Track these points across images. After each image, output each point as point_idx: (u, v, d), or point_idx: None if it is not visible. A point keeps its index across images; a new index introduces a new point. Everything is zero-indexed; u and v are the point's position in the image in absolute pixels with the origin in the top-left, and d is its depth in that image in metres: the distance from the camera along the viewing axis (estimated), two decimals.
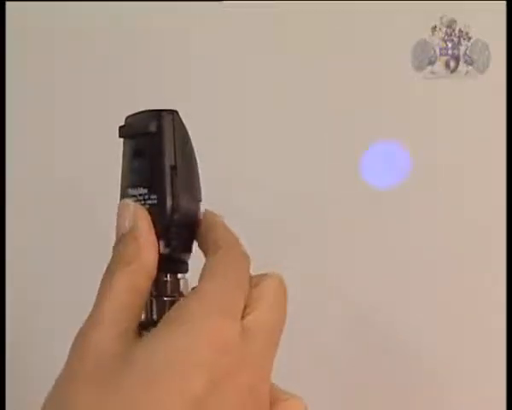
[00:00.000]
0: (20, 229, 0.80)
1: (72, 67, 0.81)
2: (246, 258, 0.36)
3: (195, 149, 0.38)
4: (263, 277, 0.36)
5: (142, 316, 0.35)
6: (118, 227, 0.35)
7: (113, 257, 0.35)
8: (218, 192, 0.77)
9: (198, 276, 0.35)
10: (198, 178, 0.37)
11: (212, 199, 0.39)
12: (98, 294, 0.34)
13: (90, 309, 0.34)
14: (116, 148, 0.38)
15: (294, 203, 0.80)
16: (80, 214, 0.81)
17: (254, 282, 0.35)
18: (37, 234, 0.81)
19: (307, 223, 0.80)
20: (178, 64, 0.81)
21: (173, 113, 0.36)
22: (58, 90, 0.82)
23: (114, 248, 0.35)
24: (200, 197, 0.37)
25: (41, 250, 0.81)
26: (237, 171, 0.80)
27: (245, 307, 0.34)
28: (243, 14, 0.81)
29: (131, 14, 0.80)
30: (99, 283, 0.34)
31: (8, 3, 0.76)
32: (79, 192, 0.80)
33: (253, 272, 0.36)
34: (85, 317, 0.33)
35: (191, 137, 0.38)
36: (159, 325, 0.32)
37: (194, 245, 0.38)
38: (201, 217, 0.37)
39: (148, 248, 0.34)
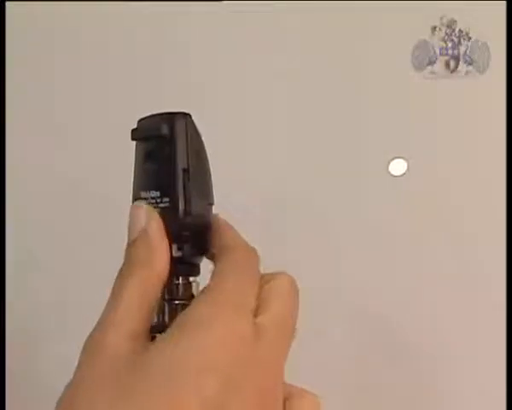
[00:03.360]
0: (20, 229, 0.80)
1: (72, 68, 0.81)
2: (255, 257, 0.36)
3: None
4: (274, 276, 0.35)
5: (154, 319, 0.35)
6: (130, 230, 0.35)
7: (125, 261, 0.34)
8: (218, 192, 0.77)
9: (208, 279, 0.35)
10: (210, 182, 0.37)
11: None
12: (110, 297, 0.33)
13: (98, 310, 0.33)
14: (119, 148, 0.38)
15: (294, 203, 0.80)
16: (85, 216, 0.80)
17: (265, 281, 0.35)
18: (40, 235, 0.81)
19: (307, 223, 0.80)
20: (178, 64, 0.81)
21: (186, 116, 0.36)
22: (58, 89, 0.81)
23: (126, 251, 0.35)
24: (213, 201, 0.37)
25: (46, 253, 0.81)
26: (237, 171, 0.80)
27: (256, 307, 0.33)
28: (243, 14, 0.80)
29: (131, 14, 0.80)
30: (105, 282, 0.34)
31: (8, 3, 0.76)
32: (83, 193, 0.80)
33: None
34: (93, 318, 0.33)
35: None
36: (171, 327, 0.32)
37: None
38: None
39: (160, 252, 0.34)
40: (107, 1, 0.80)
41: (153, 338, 0.34)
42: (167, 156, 0.35)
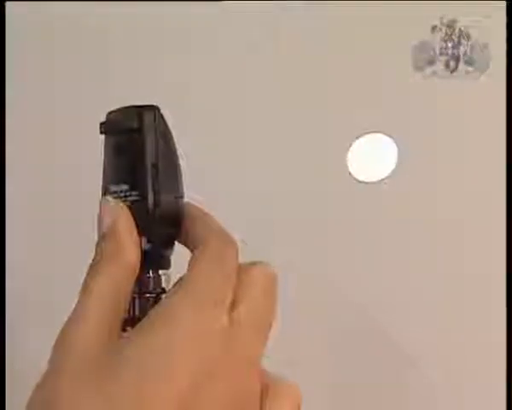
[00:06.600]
0: (19, 228, 0.80)
1: (72, 68, 0.81)
2: (232, 246, 0.35)
3: (194, 150, 0.38)
4: (251, 266, 0.34)
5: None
6: (99, 225, 0.35)
7: (95, 255, 0.34)
8: (218, 192, 0.77)
9: (181, 272, 0.35)
10: (180, 174, 0.37)
11: (212, 199, 0.39)
12: (81, 292, 0.33)
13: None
14: None
15: (294, 203, 0.80)
16: (84, 215, 0.81)
17: (243, 271, 0.34)
18: (35, 232, 0.82)
19: (306, 223, 0.80)
20: (178, 64, 0.81)
21: (155, 109, 0.36)
22: (58, 89, 0.82)
23: (96, 245, 0.35)
24: (183, 193, 0.37)
25: (38, 248, 0.81)
26: (237, 171, 0.80)
27: (233, 298, 0.33)
28: (243, 14, 0.81)
29: (131, 14, 0.81)
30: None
31: (7, 3, 0.76)
32: (82, 193, 0.80)
33: None
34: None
35: (190, 137, 0.38)
36: (143, 321, 0.31)
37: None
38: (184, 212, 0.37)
39: (130, 246, 0.34)
40: (108, 1, 0.80)
41: (124, 332, 0.34)
42: (136, 150, 0.35)
